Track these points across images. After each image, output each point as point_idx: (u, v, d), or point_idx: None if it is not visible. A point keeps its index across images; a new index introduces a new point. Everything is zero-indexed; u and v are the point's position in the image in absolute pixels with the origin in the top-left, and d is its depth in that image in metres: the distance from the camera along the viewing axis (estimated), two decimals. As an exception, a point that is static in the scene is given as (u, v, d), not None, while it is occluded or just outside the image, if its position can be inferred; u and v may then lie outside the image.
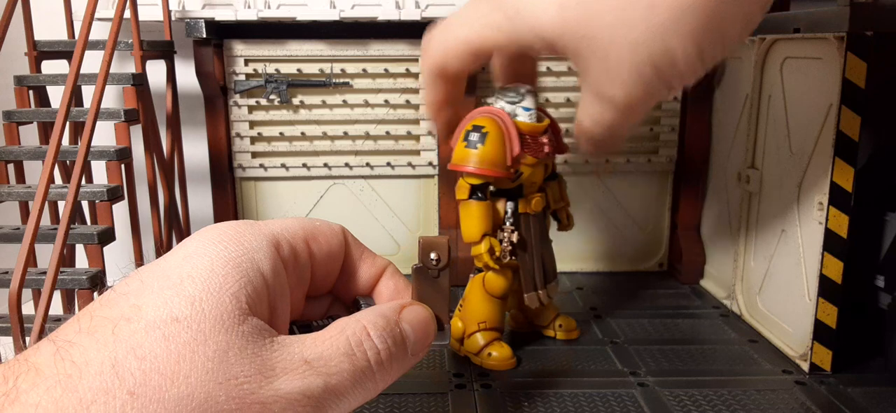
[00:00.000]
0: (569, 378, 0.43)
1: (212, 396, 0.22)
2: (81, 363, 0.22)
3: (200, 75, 0.59)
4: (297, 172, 0.63)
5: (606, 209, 0.65)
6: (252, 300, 0.25)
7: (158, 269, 0.25)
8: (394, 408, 0.40)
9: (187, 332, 0.23)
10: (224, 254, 0.25)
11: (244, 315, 0.24)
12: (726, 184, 0.58)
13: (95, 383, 0.21)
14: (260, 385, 0.23)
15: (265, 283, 0.25)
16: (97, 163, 0.54)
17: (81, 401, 0.21)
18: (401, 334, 0.28)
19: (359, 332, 0.26)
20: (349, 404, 0.26)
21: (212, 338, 0.23)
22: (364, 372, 0.26)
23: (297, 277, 0.28)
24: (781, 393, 0.41)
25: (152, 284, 0.24)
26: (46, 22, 0.60)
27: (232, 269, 0.24)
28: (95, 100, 0.50)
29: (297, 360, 0.25)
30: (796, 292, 0.46)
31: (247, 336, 0.24)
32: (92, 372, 0.22)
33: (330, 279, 0.30)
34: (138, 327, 0.23)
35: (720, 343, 0.49)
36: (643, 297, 0.59)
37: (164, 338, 0.22)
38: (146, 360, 0.22)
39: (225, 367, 0.23)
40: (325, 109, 0.62)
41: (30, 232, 0.45)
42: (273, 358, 0.24)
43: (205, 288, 0.24)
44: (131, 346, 0.22)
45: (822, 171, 0.42)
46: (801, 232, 0.45)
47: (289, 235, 0.27)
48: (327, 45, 0.60)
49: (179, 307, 0.23)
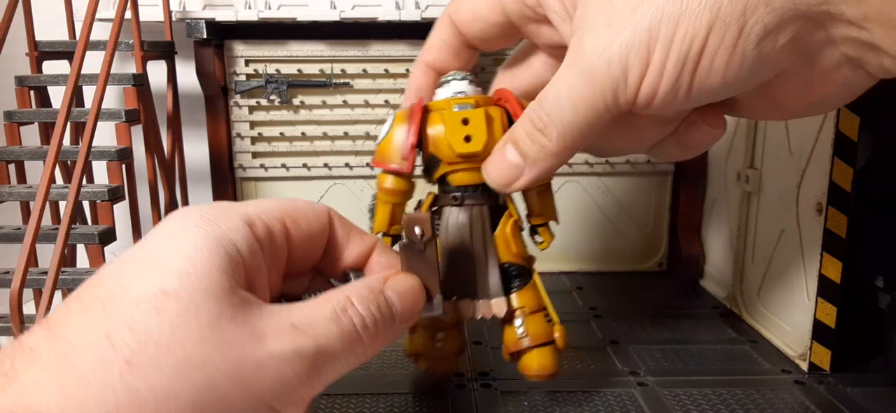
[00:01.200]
0: (569, 378, 0.43)
1: (208, 359, 0.23)
2: (75, 340, 0.22)
3: (201, 75, 0.59)
4: (297, 172, 0.63)
5: (606, 209, 0.65)
6: (236, 272, 0.25)
7: (142, 251, 0.25)
8: (393, 407, 0.40)
9: (178, 303, 0.23)
10: (205, 233, 0.25)
11: (231, 285, 0.24)
12: (726, 184, 0.58)
13: (92, 356, 0.22)
14: (253, 347, 0.24)
15: (243, 261, 0.26)
16: (98, 163, 0.54)
17: (79, 374, 0.21)
18: (386, 302, 0.28)
19: (343, 301, 0.27)
20: (342, 366, 0.27)
21: (203, 307, 0.23)
22: (351, 335, 0.26)
23: (273, 257, 0.28)
24: (781, 393, 0.41)
25: (138, 264, 0.24)
26: (47, 22, 0.60)
27: (214, 246, 0.25)
28: (96, 100, 0.50)
29: (286, 325, 0.25)
30: (796, 292, 0.46)
31: (236, 305, 0.24)
32: (87, 346, 0.22)
33: (311, 257, 0.31)
34: (128, 302, 0.23)
35: (720, 343, 0.49)
36: (643, 297, 0.59)
37: (155, 310, 0.23)
38: (139, 332, 0.22)
39: (218, 333, 0.23)
40: (325, 110, 0.62)
41: (31, 232, 0.45)
42: (262, 323, 0.25)
43: (191, 263, 0.24)
44: (123, 319, 0.23)
45: (821, 171, 0.42)
46: (800, 232, 0.45)
47: (265, 216, 0.28)
48: (328, 46, 0.60)
49: (168, 281, 0.23)
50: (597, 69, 0.28)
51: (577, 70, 0.29)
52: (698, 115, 0.31)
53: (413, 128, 0.35)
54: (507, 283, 0.37)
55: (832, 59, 0.26)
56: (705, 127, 0.32)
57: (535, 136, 0.31)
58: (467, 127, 0.34)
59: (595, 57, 0.28)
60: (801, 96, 0.29)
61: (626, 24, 0.27)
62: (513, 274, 0.37)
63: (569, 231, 0.65)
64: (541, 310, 0.37)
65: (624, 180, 0.64)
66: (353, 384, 0.42)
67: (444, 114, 0.35)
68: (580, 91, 0.28)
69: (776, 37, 0.25)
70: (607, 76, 0.27)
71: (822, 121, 0.42)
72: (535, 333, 0.36)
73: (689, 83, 0.27)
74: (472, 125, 0.34)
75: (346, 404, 0.40)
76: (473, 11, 0.35)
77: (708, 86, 0.27)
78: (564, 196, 0.64)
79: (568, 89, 0.29)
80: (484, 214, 0.36)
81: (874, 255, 0.46)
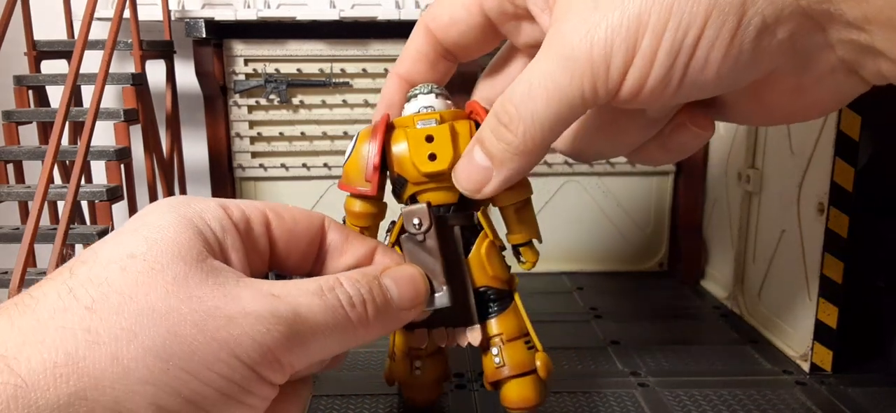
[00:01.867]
0: (569, 378, 0.43)
1: (174, 309, 0.22)
2: (39, 295, 0.22)
3: (200, 75, 0.59)
4: (296, 172, 0.63)
5: (606, 209, 0.65)
6: (208, 246, 0.25)
7: (111, 234, 0.25)
8: (393, 407, 0.40)
9: (144, 263, 0.23)
10: (174, 212, 0.25)
11: (202, 255, 0.24)
12: (726, 184, 0.58)
13: (52, 305, 0.22)
14: (224, 302, 0.23)
15: (216, 237, 0.26)
16: (96, 163, 0.54)
17: (39, 318, 0.22)
18: (380, 287, 0.28)
19: (331, 280, 0.27)
20: (328, 342, 0.26)
21: (170, 267, 0.23)
22: (336, 312, 0.26)
23: (252, 243, 0.28)
24: (782, 393, 0.41)
25: (109, 238, 0.25)
26: (46, 22, 0.60)
27: (184, 221, 0.25)
28: (95, 100, 0.50)
29: (264, 291, 0.25)
30: (797, 292, 0.46)
31: (207, 271, 0.24)
32: (49, 299, 0.22)
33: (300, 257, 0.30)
34: (95, 265, 0.23)
35: (720, 343, 0.49)
36: (643, 297, 0.59)
37: (121, 269, 0.23)
38: (103, 285, 0.22)
39: (186, 289, 0.23)
40: (324, 109, 0.62)
41: (29, 232, 0.45)
42: (237, 288, 0.24)
43: (160, 231, 0.24)
44: (88, 277, 0.23)
45: (822, 170, 0.42)
46: (801, 232, 0.45)
47: (243, 205, 0.28)
48: (327, 45, 0.60)
49: (135, 246, 0.24)
50: (577, 54, 0.25)
51: (554, 55, 0.26)
52: (686, 116, 0.29)
53: (376, 147, 0.32)
54: (484, 309, 0.34)
55: (827, 63, 0.25)
56: (694, 129, 0.30)
57: (500, 132, 0.28)
58: (431, 144, 0.32)
59: (576, 40, 0.25)
60: (790, 100, 0.27)
61: (613, 6, 0.24)
62: (490, 298, 0.34)
63: (569, 231, 0.65)
64: (522, 336, 0.34)
65: (624, 180, 0.64)
66: (352, 384, 0.42)
67: (407, 131, 0.32)
68: (555, 79, 0.26)
69: (775, 31, 0.24)
70: (588, 62, 0.25)
71: (824, 120, 0.42)
72: (514, 363, 0.34)
73: (682, 76, 0.25)
74: (437, 142, 0.32)
75: (345, 404, 0.40)
76: (450, 15, 0.33)
77: (701, 80, 0.25)
78: (565, 196, 0.64)
79: (541, 78, 0.26)
80: (456, 236, 0.34)
81: (876, 254, 0.46)
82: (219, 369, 0.23)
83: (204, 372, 0.22)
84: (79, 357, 0.21)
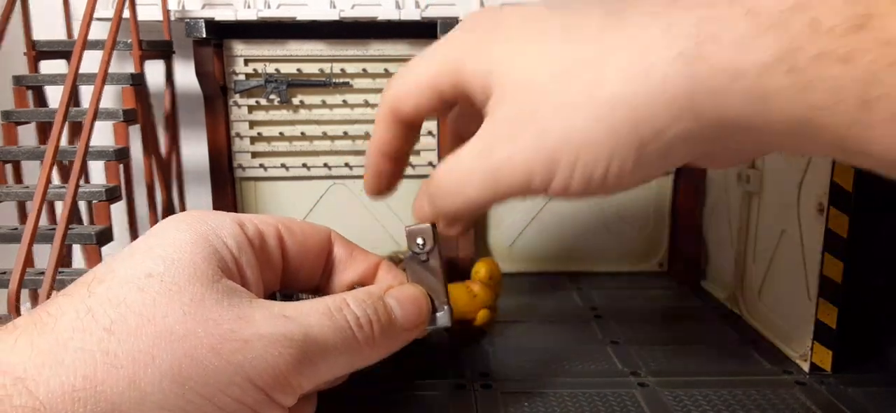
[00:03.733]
0: (569, 378, 0.43)
1: (191, 332, 0.23)
2: (57, 314, 0.23)
3: (200, 75, 0.59)
4: (297, 172, 0.63)
5: (606, 209, 0.65)
6: (223, 265, 0.25)
7: (131, 246, 0.26)
8: (392, 408, 0.40)
9: (161, 284, 0.23)
10: (190, 230, 0.25)
11: (218, 275, 0.25)
12: (726, 184, 0.58)
13: (71, 324, 0.22)
14: (239, 325, 0.24)
15: (232, 255, 0.26)
16: (95, 163, 0.54)
17: (58, 339, 0.22)
18: (385, 307, 0.28)
19: (339, 301, 0.27)
20: (336, 362, 0.26)
21: (187, 288, 0.24)
22: (345, 332, 0.26)
23: (266, 259, 0.28)
24: (782, 393, 0.41)
25: (125, 255, 0.25)
26: (45, 21, 0.60)
27: (200, 239, 0.25)
28: (94, 100, 0.49)
29: (276, 313, 0.25)
30: (797, 292, 0.46)
31: (222, 291, 0.24)
32: (68, 318, 0.22)
33: (310, 272, 0.31)
34: (113, 284, 0.23)
35: (720, 343, 0.49)
36: (643, 297, 0.59)
37: (139, 289, 0.23)
38: (122, 306, 0.23)
39: (202, 310, 0.23)
40: (325, 109, 0.61)
41: (28, 232, 0.45)
42: (250, 309, 0.25)
43: (177, 250, 0.24)
44: (107, 297, 0.23)
45: (822, 170, 0.42)
46: (801, 232, 0.45)
47: (257, 220, 0.28)
48: (327, 45, 0.60)
49: (153, 265, 0.24)
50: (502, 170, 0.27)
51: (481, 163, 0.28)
52: None
53: None
54: None
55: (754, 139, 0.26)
56: None
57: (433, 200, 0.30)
58: None
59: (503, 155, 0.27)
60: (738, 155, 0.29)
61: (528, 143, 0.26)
62: None
63: (569, 231, 0.65)
64: None
65: (624, 180, 0.64)
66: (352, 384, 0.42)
67: None
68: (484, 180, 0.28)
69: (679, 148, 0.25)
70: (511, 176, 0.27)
71: (824, 120, 0.42)
72: None
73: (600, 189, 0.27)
74: None
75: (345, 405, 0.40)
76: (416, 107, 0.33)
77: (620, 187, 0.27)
78: (564, 196, 0.64)
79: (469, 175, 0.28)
80: None
81: (876, 254, 0.46)
82: (232, 393, 0.23)
83: (218, 396, 0.23)
84: (97, 380, 0.21)
